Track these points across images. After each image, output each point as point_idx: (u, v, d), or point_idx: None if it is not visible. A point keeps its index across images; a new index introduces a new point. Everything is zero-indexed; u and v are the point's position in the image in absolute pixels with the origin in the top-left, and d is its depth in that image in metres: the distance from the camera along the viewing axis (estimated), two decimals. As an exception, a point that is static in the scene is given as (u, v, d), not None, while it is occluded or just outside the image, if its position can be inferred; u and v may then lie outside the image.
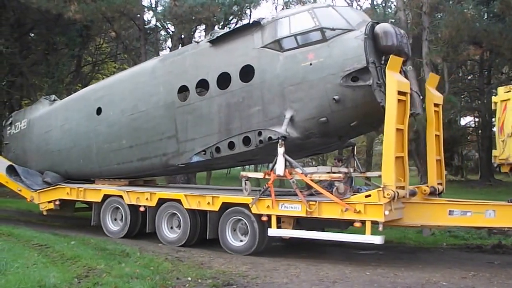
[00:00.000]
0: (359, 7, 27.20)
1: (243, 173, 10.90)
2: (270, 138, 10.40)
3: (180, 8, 20.08)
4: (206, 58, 11.62)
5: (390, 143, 9.34)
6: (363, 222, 9.63)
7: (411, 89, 10.56)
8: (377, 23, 10.34)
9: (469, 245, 12.30)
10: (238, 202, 10.82)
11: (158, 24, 25.49)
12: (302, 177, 10.11)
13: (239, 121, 10.97)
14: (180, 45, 23.05)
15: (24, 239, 11.73)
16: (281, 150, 10.15)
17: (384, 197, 9.25)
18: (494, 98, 11.01)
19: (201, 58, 11.74)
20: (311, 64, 10.14)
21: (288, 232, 10.46)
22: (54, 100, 16.09)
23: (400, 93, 9.47)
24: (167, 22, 24.10)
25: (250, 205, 10.51)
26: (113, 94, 13.37)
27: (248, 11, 25.46)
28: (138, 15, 23.54)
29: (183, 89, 11.98)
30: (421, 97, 12.23)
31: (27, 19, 26.19)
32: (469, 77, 27.54)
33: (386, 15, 23.57)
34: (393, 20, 21.67)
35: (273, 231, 10.39)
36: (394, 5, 24.68)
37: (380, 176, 11.13)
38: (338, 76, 9.85)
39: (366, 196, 9.53)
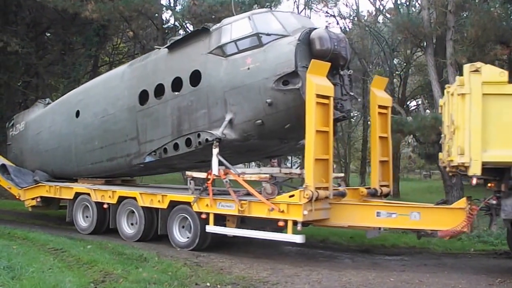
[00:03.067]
0: (381, 7, 29.26)
1: (188, 173, 13.25)
2: (207, 139, 12.67)
3: (200, 7, 22.30)
4: (164, 64, 14.06)
5: (310, 145, 11.22)
6: (286, 221, 11.57)
7: (348, 93, 12.78)
8: (315, 29, 12.29)
9: (497, 251, 13.45)
10: (183, 200, 13.18)
11: (176, 23, 27.78)
12: (235, 177, 12.34)
13: (188, 124, 13.28)
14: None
15: (40, 243, 12.88)
16: (215, 151, 12.37)
17: (304, 197, 11.14)
18: (440, 101, 12.84)
19: (160, 63, 14.20)
20: (248, 68, 12.23)
21: (223, 230, 12.66)
22: (48, 103, 19.27)
23: (320, 96, 11.33)
24: (186, 22, 26.40)
25: (191, 204, 12.91)
26: (89, 98, 16.21)
27: (268, 10, 27.60)
28: (156, 14, 25.99)
29: (144, 93, 14.48)
30: (360, 100, 14.23)
31: (43, 18, 29.06)
32: None
33: (409, 15, 25.34)
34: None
35: (210, 228, 12.69)
36: (419, 3, 26.35)
37: (338, 177, 13.44)
38: (271, 80, 11.84)
39: (290, 196, 11.44)
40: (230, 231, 12.68)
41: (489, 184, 10.68)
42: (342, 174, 14.84)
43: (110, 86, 15.66)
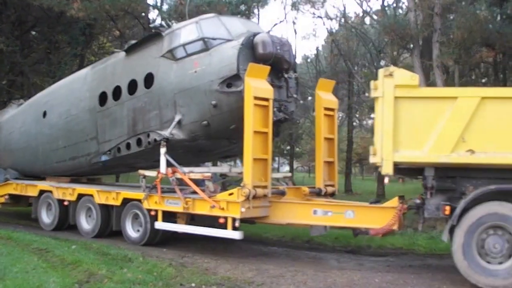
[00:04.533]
0: (368, 9, 30.79)
1: (140, 171, 14.78)
2: (155, 139, 14.21)
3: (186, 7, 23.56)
4: (121, 67, 15.65)
5: (248, 145, 12.61)
6: (226, 218, 12.96)
7: (292, 95, 14.26)
8: (259, 34, 13.74)
9: None
10: (135, 197, 14.76)
11: (163, 23, 29.47)
12: (182, 175, 13.87)
13: (142, 124, 14.80)
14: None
15: (24, 243, 13.60)
16: (163, 150, 13.90)
17: (241, 195, 12.53)
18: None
19: (118, 66, 15.80)
20: (195, 71, 13.69)
21: (170, 226, 14.15)
22: (21, 104, 21.07)
23: (258, 98, 12.71)
24: (173, 21, 27.93)
25: (142, 201, 14.49)
26: (55, 99, 17.89)
27: (256, 10, 29.49)
28: (143, 14, 27.60)
29: (104, 95, 16.05)
30: (301, 101, 15.70)
31: (28, 16, 30.30)
32: (483, 80, 30.09)
33: (396, 16, 26.77)
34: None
35: (159, 224, 14.24)
36: (405, 5, 27.75)
37: (285, 177, 14.93)
38: (215, 82, 13.29)
39: (230, 194, 12.84)
40: (176, 227, 14.18)
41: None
42: (289, 174, 16.38)
43: (74, 88, 17.34)
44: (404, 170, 12.05)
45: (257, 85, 12.78)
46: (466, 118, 10.76)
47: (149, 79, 14.79)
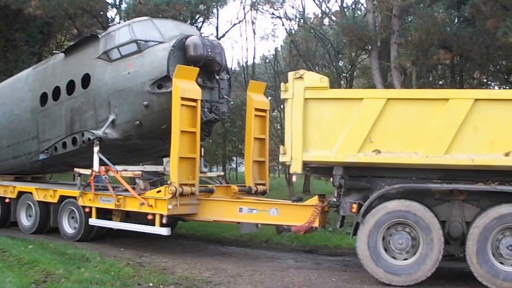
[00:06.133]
0: (327, 10, 32.19)
1: (76, 170, 16.07)
2: (89, 138, 15.51)
3: (145, 6, 24.92)
4: (60, 68, 16.98)
5: (175, 144, 13.82)
6: (154, 215, 14.24)
7: (224, 96, 15.55)
8: (190, 36, 15.00)
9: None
10: (70, 195, 16.08)
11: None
12: (114, 173, 15.15)
13: (79, 124, 16.10)
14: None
15: None
16: (96, 149, 15.18)
17: (168, 192, 13.77)
18: None
19: (57, 67, 17.13)
20: (129, 73, 14.99)
21: (103, 223, 15.50)
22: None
23: (186, 99, 13.92)
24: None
25: (77, 198, 15.77)
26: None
27: (215, 10, 30.88)
28: (102, 12, 28.50)
29: (45, 95, 17.33)
30: (231, 102, 16.94)
31: None
32: (441, 82, 31.52)
33: (355, 18, 28.12)
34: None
35: (93, 221, 15.56)
36: (364, 7, 29.12)
37: (219, 176, 16.21)
38: (147, 84, 14.56)
39: (158, 192, 14.10)
40: (108, 223, 15.57)
41: None
42: (222, 173, 17.74)
43: (16, 88, 18.74)
44: (319, 169, 13.28)
45: (184, 86, 13.99)
46: (372, 119, 11.86)
47: (86, 80, 16.11)
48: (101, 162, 15.31)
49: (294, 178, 12.77)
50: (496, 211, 11.31)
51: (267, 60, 48.30)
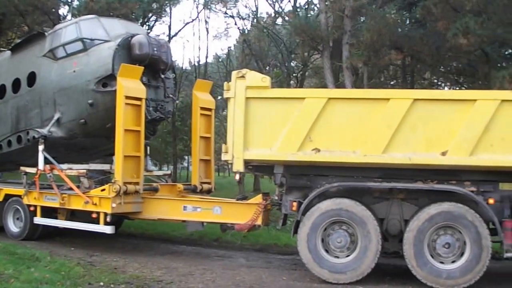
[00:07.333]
0: (280, 9, 32.44)
1: (22, 168, 15.94)
2: (34, 137, 15.43)
3: (97, 4, 24.71)
4: (6, 65, 16.85)
5: (119, 143, 13.88)
6: (98, 214, 14.25)
7: (169, 95, 15.53)
8: (136, 35, 15.02)
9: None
10: (16, 193, 15.98)
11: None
12: (59, 172, 15.10)
13: (24, 122, 16.01)
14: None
15: None
16: (40, 147, 15.11)
17: (112, 191, 13.82)
18: None
19: (3, 65, 16.97)
20: (74, 71, 14.96)
21: (48, 221, 15.43)
22: None
23: (130, 98, 13.96)
24: None
25: (22, 197, 15.65)
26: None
27: (168, 9, 30.84)
28: (53, 10, 28.35)
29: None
30: (177, 101, 16.94)
31: None
32: (392, 82, 31.97)
33: (307, 18, 28.35)
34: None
35: (38, 220, 15.45)
36: (317, 7, 29.38)
37: (165, 175, 16.17)
38: (92, 82, 14.56)
39: (102, 190, 14.12)
40: (53, 222, 15.52)
41: None
42: (168, 172, 17.72)
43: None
44: (261, 168, 13.33)
45: (129, 84, 14.03)
46: (312, 118, 11.99)
47: (31, 78, 16.03)
48: (46, 161, 15.24)
49: (237, 177, 12.72)
50: (427, 212, 11.56)
51: (220, 60, 48.52)
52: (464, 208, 11.41)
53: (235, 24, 55.52)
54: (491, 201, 11.56)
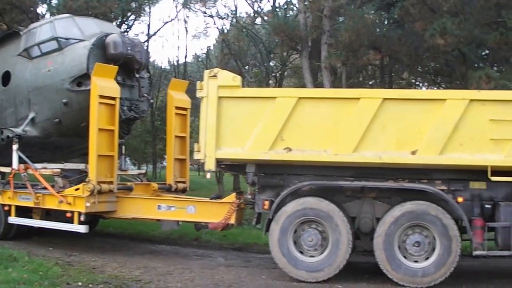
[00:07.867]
0: (260, 9, 32.55)
1: (-4, 168, 16.05)
2: (8, 136, 15.38)
3: (75, 3, 24.55)
4: None
5: (93, 142, 13.89)
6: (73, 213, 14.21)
7: (144, 95, 15.56)
8: (110, 34, 15.02)
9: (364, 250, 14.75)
10: (-12, 193, 15.98)
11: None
12: (34, 171, 15.05)
13: None
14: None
15: None
16: (15, 147, 15.08)
17: (86, 190, 13.79)
18: None
19: (-19, 63, 17.00)
20: (49, 70, 14.91)
21: (23, 221, 15.34)
22: None
23: (104, 97, 13.96)
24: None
25: None
26: None
27: (147, 8, 30.80)
28: (32, 8, 27.94)
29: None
30: (151, 101, 16.98)
31: None
32: (371, 82, 32.18)
33: (286, 18, 28.44)
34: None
35: (12, 219, 15.38)
36: (296, 7, 29.45)
37: (140, 174, 16.17)
38: (67, 81, 14.53)
39: (76, 189, 14.10)
40: (28, 221, 15.44)
41: None
42: (144, 171, 17.73)
43: None
44: (233, 167, 13.38)
45: (103, 84, 14.02)
46: (284, 117, 12.02)
47: (6, 77, 15.98)
48: (21, 160, 15.17)
49: (208, 175, 12.86)
50: (391, 215, 11.67)
51: (199, 59, 48.57)
52: (426, 204, 11.55)
53: (214, 23, 55.78)
54: (460, 199, 11.69)
